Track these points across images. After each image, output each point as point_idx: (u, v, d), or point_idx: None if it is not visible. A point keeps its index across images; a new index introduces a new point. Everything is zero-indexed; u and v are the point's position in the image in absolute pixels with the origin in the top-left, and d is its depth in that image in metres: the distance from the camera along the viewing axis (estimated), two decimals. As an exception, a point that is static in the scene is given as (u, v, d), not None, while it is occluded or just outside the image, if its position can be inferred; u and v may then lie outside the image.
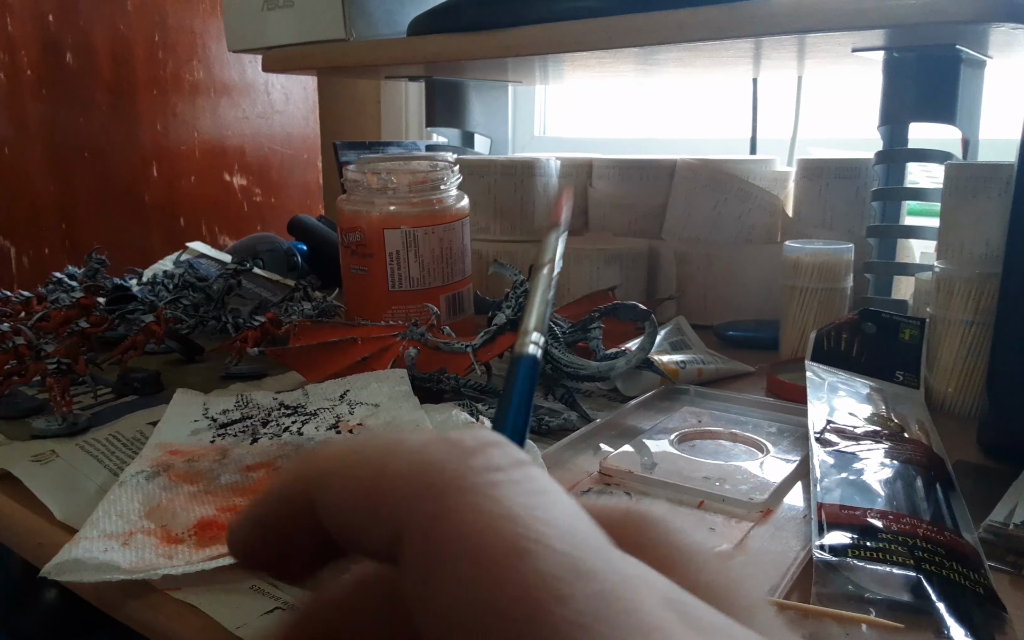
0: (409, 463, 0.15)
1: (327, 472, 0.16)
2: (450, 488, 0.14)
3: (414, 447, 0.15)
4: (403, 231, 0.71)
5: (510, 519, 0.13)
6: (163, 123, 1.20)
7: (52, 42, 1.07)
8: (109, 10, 1.13)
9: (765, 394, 0.66)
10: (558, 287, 0.55)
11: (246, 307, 0.79)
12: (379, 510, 0.15)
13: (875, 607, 0.36)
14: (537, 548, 0.13)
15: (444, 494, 0.14)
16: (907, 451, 0.48)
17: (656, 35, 0.65)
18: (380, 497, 0.15)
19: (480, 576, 0.13)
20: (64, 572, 0.39)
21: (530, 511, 0.13)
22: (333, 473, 0.16)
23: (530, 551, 0.13)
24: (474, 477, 0.14)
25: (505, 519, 0.13)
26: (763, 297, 0.85)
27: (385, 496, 0.14)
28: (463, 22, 0.77)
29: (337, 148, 1.08)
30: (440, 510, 0.14)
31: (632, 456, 0.52)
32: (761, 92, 1.03)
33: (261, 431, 0.54)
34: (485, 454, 0.14)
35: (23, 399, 0.63)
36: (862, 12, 0.56)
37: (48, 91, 1.08)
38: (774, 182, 0.91)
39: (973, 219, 0.63)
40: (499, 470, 0.14)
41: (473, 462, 0.14)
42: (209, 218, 1.28)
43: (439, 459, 0.14)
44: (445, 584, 0.13)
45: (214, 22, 1.24)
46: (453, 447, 0.14)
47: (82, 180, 1.13)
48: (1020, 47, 0.66)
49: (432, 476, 0.14)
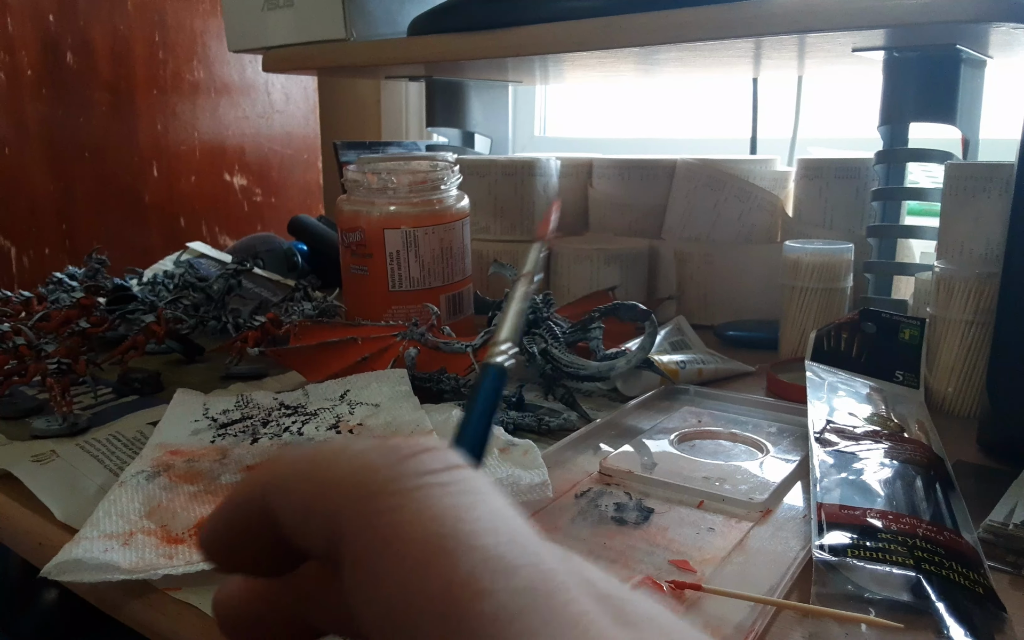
0: (348, 468, 0.15)
1: (279, 476, 0.17)
2: (382, 491, 0.14)
3: (355, 452, 0.16)
4: (403, 231, 0.71)
5: (433, 520, 0.14)
6: (163, 123, 1.20)
7: (52, 42, 1.07)
8: (109, 10, 1.12)
9: (765, 394, 0.66)
10: (558, 287, 0.55)
11: (246, 307, 0.79)
12: (319, 512, 0.15)
13: (875, 607, 0.36)
14: (457, 547, 0.13)
15: (376, 497, 0.14)
16: (907, 451, 0.48)
17: (656, 35, 0.65)
18: (321, 500, 0.15)
19: (406, 575, 0.13)
20: (64, 572, 0.39)
21: (455, 511, 0.14)
22: (284, 477, 0.17)
23: (449, 550, 0.13)
24: (405, 481, 0.15)
25: (429, 520, 0.14)
26: (763, 297, 0.85)
27: (325, 499, 0.15)
28: (463, 22, 0.77)
29: (337, 148, 1.08)
30: (372, 511, 0.14)
31: (632, 456, 0.52)
32: (761, 92, 1.03)
33: (261, 431, 0.54)
34: (417, 459, 0.15)
35: (23, 399, 0.63)
36: (862, 12, 0.56)
37: (48, 91, 1.08)
38: (774, 182, 0.91)
39: (973, 219, 0.63)
40: (429, 473, 0.15)
41: (405, 467, 0.15)
42: (209, 218, 1.28)
43: (374, 463, 0.15)
44: (376, 582, 0.14)
45: (214, 22, 1.24)
46: (389, 452, 0.15)
47: (82, 180, 1.13)
48: (1020, 47, 0.66)
49: (367, 480, 0.15)
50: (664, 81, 1.14)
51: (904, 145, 0.77)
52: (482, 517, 0.14)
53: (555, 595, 0.13)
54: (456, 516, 0.14)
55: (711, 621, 0.35)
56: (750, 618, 0.35)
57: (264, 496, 0.17)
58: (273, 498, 0.17)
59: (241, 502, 0.17)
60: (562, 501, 0.46)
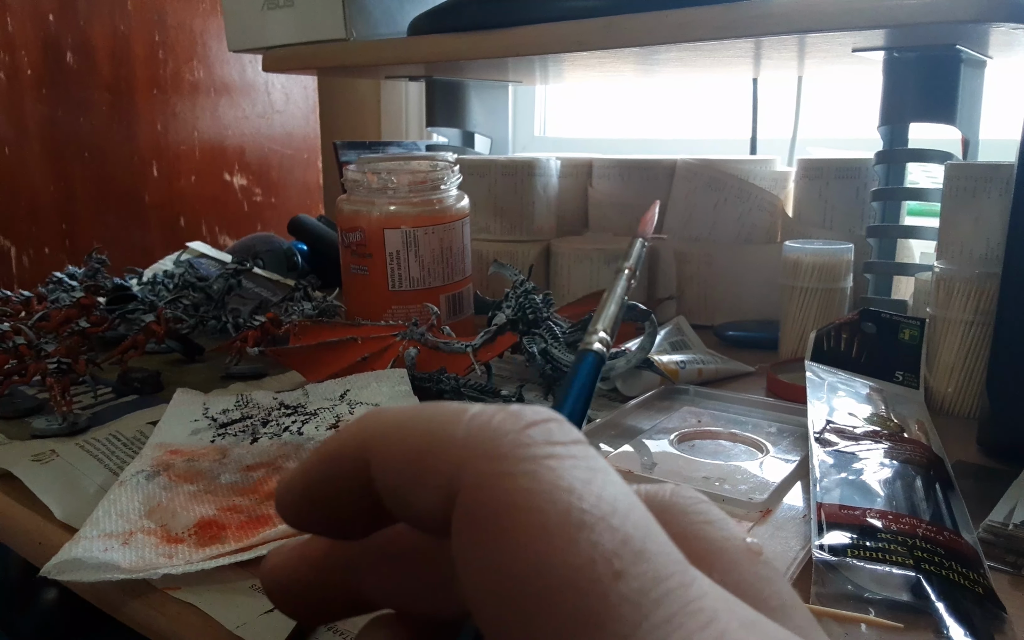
0: (467, 429, 0.14)
1: (381, 434, 0.16)
2: (508, 455, 0.14)
3: (477, 411, 0.15)
4: (403, 231, 0.71)
5: (568, 490, 0.13)
6: (163, 123, 1.20)
7: (52, 42, 1.07)
8: (109, 9, 1.12)
9: (765, 394, 0.66)
10: (558, 287, 0.55)
11: (246, 307, 0.79)
12: (433, 471, 0.14)
13: (874, 607, 0.36)
14: (595, 522, 0.13)
15: (502, 459, 0.14)
16: (906, 451, 0.48)
17: (656, 35, 0.65)
18: (435, 459, 0.14)
19: (536, 542, 0.13)
20: (64, 571, 0.39)
21: (587, 485, 0.13)
22: (387, 435, 0.16)
23: (588, 524, 0.13)
24: (533, 447, 0.14)
25: (564, 490, 0.13)
26: (763, 297, 0.85)
27: (440, 458, 0.14)
28: (463, 22, 0.77)
29: (337, 148, 1.08)
30: (497, 473, 0.13)
31: (632, 456, 0.52)
32: (761, 92, 1.03)
33: (261, 431, 0.54)
34: (545, 427, 0.14)
35: (23, 399, 0.63)
36: (862, 12, 0.56)
37: (48, 91, 1.08)
38: (774, 182, 0.91)
39: (973, 219, 0.63)
40: (558, 444, 0.14)
41: (533, 433, 0.14)
42: (209, 218, 1.28)
43: (498, 426, 0.14)
44: (497, 546, 0.13)
45: (214, 22, 1.24)
46: (513, 417, 0.14)
47: (82, 180, 1.13)
48: (1020, 47, 0.66)
49: (490, 441, 0.14)
50: (664, 81, 1.14)
51: (904, 145, 0.77)
52: (615, 496, 0.13)
53: (686, 587, 0.13)
54: (590, 490, 0.13)
55: (711, 621, 0.35)
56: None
57: (363, 448, 0.16)
58: (376, 452, 0.16)
59: (333, 454, 0.16)
60: (562, 501, 0.46)
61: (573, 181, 1.02)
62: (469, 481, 0.14)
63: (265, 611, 0.37)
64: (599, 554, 0.12)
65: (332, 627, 0.35)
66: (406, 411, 0.16)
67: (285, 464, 0.50)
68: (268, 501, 0.45)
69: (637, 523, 0.13)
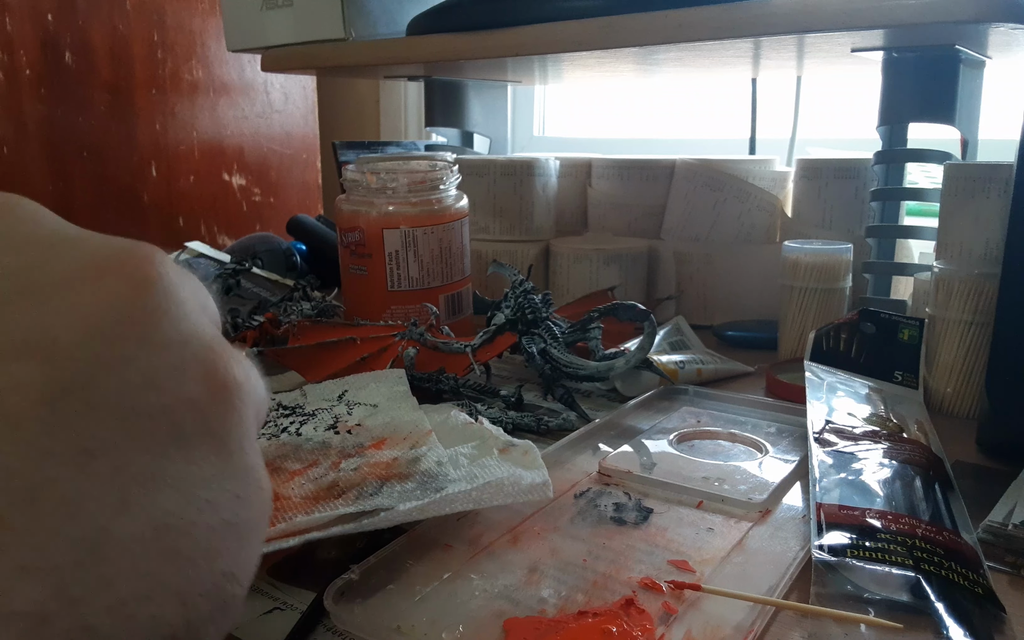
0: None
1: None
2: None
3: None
4: (402, 231, 0.71)
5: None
6: (162, 123, 1.20)
7: (51, 41, 1.07)
8: (108, 9, 1.12)
9: (764, 394, 0.66)
10: (557, 287, 0.55)
11: (245, 307, 0.79)
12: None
13: (874, 607, 0.36)
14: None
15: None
16: (906, 451, 0.48)
17: (656, 35, 0.65)
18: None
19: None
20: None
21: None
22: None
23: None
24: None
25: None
26: (762, 297, 0.85)
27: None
28: (463, 22, 0.77)
29: (336, 148, 1.08)
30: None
31: (631, 456, 0.52)
32: (760, 92, 1.03)
33: (259, 431, 0.54)
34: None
35: (21, 399, 0.63)
36: (862, 12, 0.56)
37: (47, 90, 1.08)
38: (773, 182, 0.91)
39: (972, 219, 0.63)
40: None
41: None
42: (208, 218, 1.28)
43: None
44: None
45: (213, 22, 1.24)
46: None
47: (81, 180, 1.13)
48: (1020, 47, 0.66)
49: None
50: (664, 81, 1.14)
51: (903, 145, 0.77)
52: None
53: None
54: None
55: (710, 621, 0.35)
56: (749, 618, 0.35)
57: None
58: None
59: None
60: (561, 501, 0.46)
61: (572, 181, 1.02)
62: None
63: (265, 612, 0.37)
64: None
65: (332, 627, 0.35)
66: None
67: (283, 464, 0.50)
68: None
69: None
